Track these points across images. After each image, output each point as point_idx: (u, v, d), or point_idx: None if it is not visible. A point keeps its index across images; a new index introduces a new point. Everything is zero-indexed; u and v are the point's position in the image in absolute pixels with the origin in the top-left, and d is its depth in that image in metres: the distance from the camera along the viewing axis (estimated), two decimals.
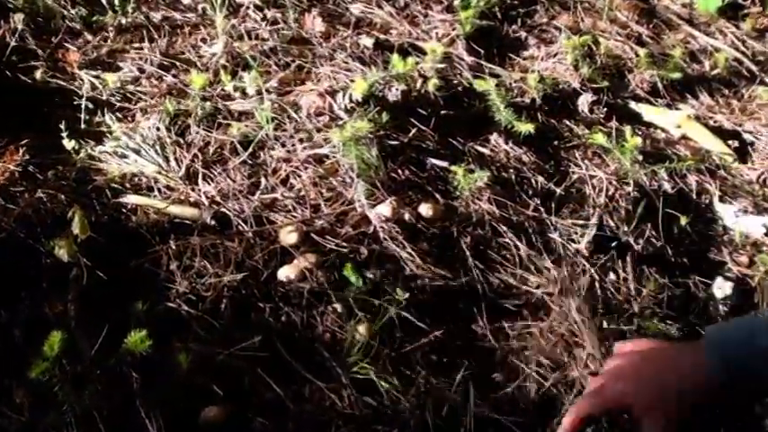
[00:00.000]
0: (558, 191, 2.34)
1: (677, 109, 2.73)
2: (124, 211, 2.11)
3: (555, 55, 2.80)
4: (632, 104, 2.70)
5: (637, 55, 2.86)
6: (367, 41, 2.69)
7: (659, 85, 2.79)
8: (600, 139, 2.40)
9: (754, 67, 2.97)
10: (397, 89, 2.43)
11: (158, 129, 2.31)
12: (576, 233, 2.22)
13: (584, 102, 2.64)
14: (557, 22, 2.99)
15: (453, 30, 2.80)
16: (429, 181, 2.26)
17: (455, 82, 2.61)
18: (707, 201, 2.45)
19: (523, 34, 2.90)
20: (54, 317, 1.79)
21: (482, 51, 2.76)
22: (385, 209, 2.13)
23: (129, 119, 2.38)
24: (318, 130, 2.32)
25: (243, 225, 2.09)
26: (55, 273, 1.87)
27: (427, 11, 2.90)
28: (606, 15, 3.02)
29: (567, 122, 2.59)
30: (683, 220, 2.33)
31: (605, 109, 2.64)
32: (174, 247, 2.00)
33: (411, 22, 2.84)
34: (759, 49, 3.07)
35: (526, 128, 2.34)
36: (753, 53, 3.06)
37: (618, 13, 3.07)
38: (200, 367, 1.76)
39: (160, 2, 2.81)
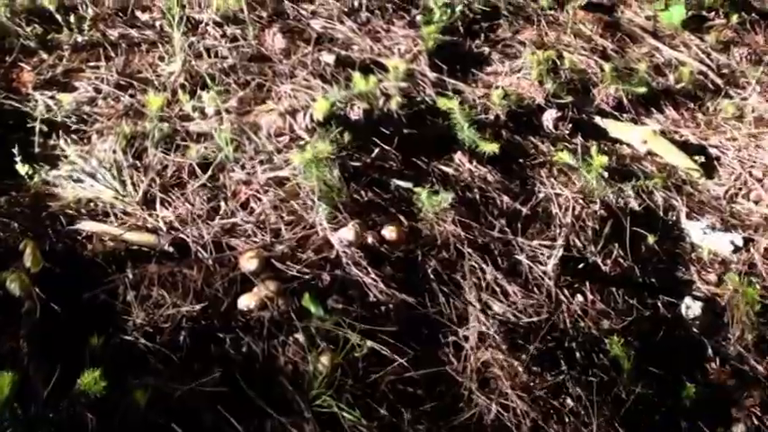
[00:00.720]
0: (525, 210, 2.30)
1: (643, 124, 2.70)
2: (79, 238, 2.05)
3: (519, 70, 2.76)
4: (597, 120, 2.67)
5: (602, 69, 2.83)
6: (328, 58, 2.64)
7: (624, 99, 2.75)
8: (566, 157, 2.36)
9: (719, 80, 2.95)
10: (359, 108, 2.38)
11: (115, 152, 2.24)
12: (543, 254, 2.17)
13: (548, 118, 2.60)
14: (520, 37, 2.95)
15: (416, 46, 2.75)
16: (393, 202, 2.21)
17: (418, 99, 2.57)
18: (674, 218, 2.42)
19: (487, 49, 2.85)
20: (5, 355, 1.71)
21: (445, 67, 2.72)
22: (347, 233, 2.08)
23: (85, 141, 2.31)
24: (279, 152, 2.27)
25: (202, 252, 2.02)
26: (6, 307, 1.79)
27: (389, 26, 2.85)
28: (570, 29, 2.97)
29: (533, 139, 2.55)
30: (651, 239, 2.29)
31: (570, 125, 2.60)
32: (130, 277, 1.93)
33: (373, 37, 2.79)
34: (723, 61, 3.05)
35: (490, 148, 2.30)
36: (717, 66, 3.04)
37: (582, 26, 3.03)
38: (159, 404, 1.69)
39: (117, 19, 2.73)
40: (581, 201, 2.36)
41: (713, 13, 3.26)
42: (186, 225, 2.10)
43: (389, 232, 2.14)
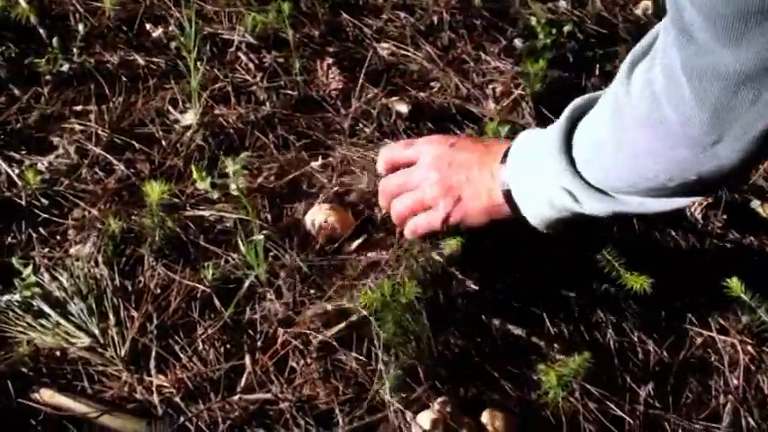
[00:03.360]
0: (675, 366, 1.45)
1: None
2: (34, 421, 1.22)
3: None
4: (755, 204, 1.79)
5: None
6: (401, 108, 1.77)
7: None
8: (736, 287, 1.49)
9: None
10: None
11: (96, 263, 1.39)
12: None
13: (695, 204, 1.72)
14: None
15: (516, 86, 1.86)
16: (496, 358, 1.36)
17: None
18: None
19: None
20: None
21: (556, 120, 1.82)
22: (426, 420, 1.25)
23: (58, 239, 1.47)
24: (330, 269, 1.42)
25: None
26: None
27: (479, 53, 2.00)
28: None
29: (674, 234, 1.67)
30: None
31: (724, 216, 1.71)
32: None
33: (458, 69, 1.93)
34: None
35: (639, 283, 1.42)
36: None
37: None
38: None
39: (119, 36, 1.86)
40: (750, 349, 1.50)
41: None
42: (192, 401, 1.28)
43: (491, 420, 1.30)
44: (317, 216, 1.53)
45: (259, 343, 1.40)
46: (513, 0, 2.14)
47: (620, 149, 1.09)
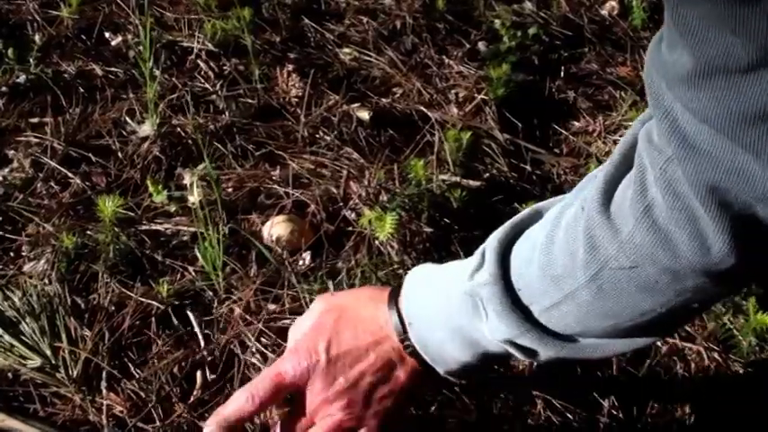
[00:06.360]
0: (640, 374, 1.42)
1: None
2: None
3: (615, 130, 1.86)
4: None
5: None
6: (362, 114, 1.74)
7: None
8: None
9: None
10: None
11: (50, 281, 1.36)
12: None
13: None
14: (611, 71, 2.02)
15: (480, 91, 1.83)
16: None
17: (485, 176, 1.67)
18: None
19: (571, 94, 1.95)
20: None
21: (519, 124, 1.81)
22: None
23: (11, 256, 1.43)
24: (287, 288, 1.39)
25: None
26: None
27: (442, 57, 1.97)
28: None
29: None
30: None
31: None
32: None
33: (421, 74, 1.89)
34: None
35: None
36: None
37: None
38: None
39: (77, 45, 1.82)
40: (716, 356, 1.48)
41: None
42: (145, 422, 1.24)
43: None
44: (275, 228, 1.50)
45: (214, 360, 1.36)
46: (478, 2, 2.11)
47: (600, 295, 0.87)
